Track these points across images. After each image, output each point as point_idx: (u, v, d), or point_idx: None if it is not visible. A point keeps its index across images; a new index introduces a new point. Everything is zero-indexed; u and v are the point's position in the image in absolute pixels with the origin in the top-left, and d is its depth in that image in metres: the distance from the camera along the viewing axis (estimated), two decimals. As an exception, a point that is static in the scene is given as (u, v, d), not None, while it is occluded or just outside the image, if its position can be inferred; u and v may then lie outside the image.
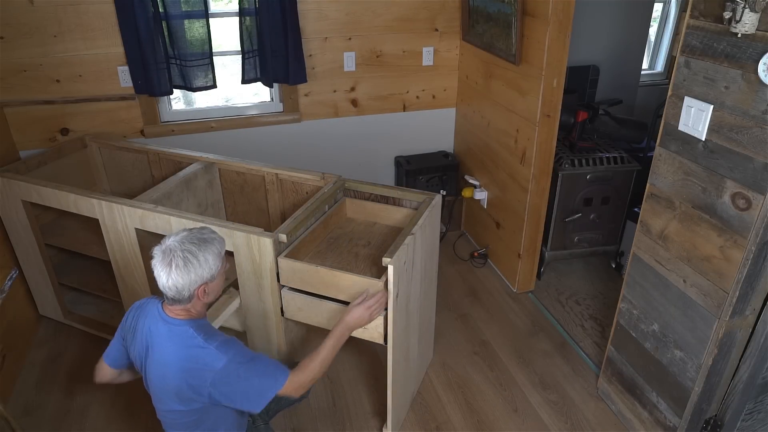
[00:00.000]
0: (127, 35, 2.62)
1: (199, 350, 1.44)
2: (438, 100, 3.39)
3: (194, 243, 1.43)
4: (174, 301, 1.45)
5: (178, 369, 1.45)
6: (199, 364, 1.44)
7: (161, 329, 1.49)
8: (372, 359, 2.51)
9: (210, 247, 1.45)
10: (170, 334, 1.47)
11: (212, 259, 1.45)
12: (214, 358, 1.44)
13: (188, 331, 1.46)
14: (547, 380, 2.41)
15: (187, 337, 1.46)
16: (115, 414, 2.23)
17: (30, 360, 2.49)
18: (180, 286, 1.41)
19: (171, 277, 1.40)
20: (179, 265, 1.40)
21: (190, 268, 1.41)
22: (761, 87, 1.41)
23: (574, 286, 3.05)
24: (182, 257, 1.40)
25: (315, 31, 2.96)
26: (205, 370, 1.44)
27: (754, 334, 1.67)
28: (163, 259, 1.41)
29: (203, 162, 2.49)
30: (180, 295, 1.43)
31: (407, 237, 1.87)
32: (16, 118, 2.68)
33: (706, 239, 1.65)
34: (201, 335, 1.46)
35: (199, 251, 1.42)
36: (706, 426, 1.87)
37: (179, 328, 1.47)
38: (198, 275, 1.42)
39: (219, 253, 1.47)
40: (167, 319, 1.49)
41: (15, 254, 2.51)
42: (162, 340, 1.48)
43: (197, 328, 1.48)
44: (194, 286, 1.43)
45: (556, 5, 2.28)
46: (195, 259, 1.41)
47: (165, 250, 1.42)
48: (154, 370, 1.50)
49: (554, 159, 2.69)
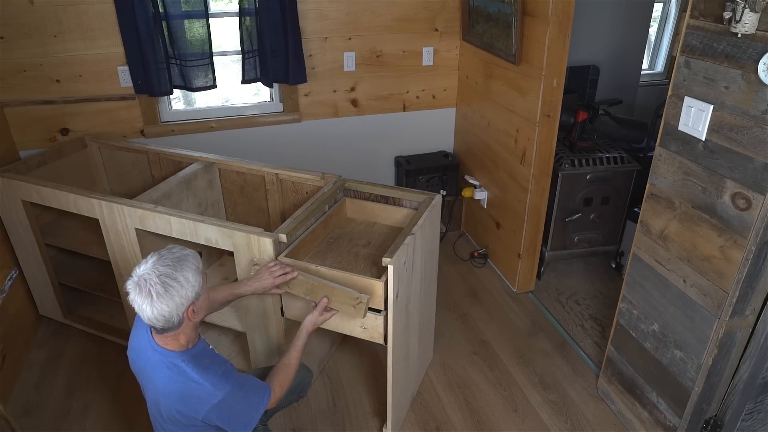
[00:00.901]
0: (127, 35, 2.62)
1: (194, 386, 1.40)
2: (438, 100, 3.39)
3: (168, 265, 1.34)
4: (163, 330, 1.38)
5: (171, 401, 1.42)
6: (194, 400, 1.41)
7: (153, 357, 1.44)
8: (372, 359, 2.51)
9: (186, 264, 1.37)
10: (162, 365, 1.42)
11: (192, 276, 1.37)
12: (210, 394, 1.40)
13: (180, 365, 1.40)
14: (547, 380, 2.41)
15: (179, 372, 1.40)
16: (115, 414, 2.23)
17: (30, 360, 2.49)
18: (167, 314, 1.33)
19: (155, 307, 1.31)
20: (160, 292, 1.31)
21: (173, 292, 1.32)
22: (761, 87, 1.41)
23: (574, 286, 3.05)
24: (160, 283, 1.31)
25: (315, 31, 2.96)
26: (200, 405, 1.41)
27: (754, 334, 1.67)
28: (141, 291, 1.32)
29: (203, 162, 2.49)
30: (169, 323, 1.35)
31: (407, 237, 1.87)
32: (16, 118, 2.68)
33: (706, 239, 1.65)
34: (195, 370, 1.40)
35: (176, 272, 1.34)
36: (706, 426, 1.87)
37: (171, 360, 1.41)
38: (183, 297, 1.34)
39: (197, 268, 1.40)
40: (157, 348, 1.42)
41: (15, 254, 2.51)
42: (155, 368, 1.44)
43: (190, 361, 1.41)
44: (181, 309, 1.35)
45: (556, 5, 2.28)
46: (175, 282, 1.33)
47: (139, 282, 1.32)
48: (150, 393, 1.50)
49: (554, 159, 2.69)
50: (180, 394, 1.41)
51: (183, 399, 1.41)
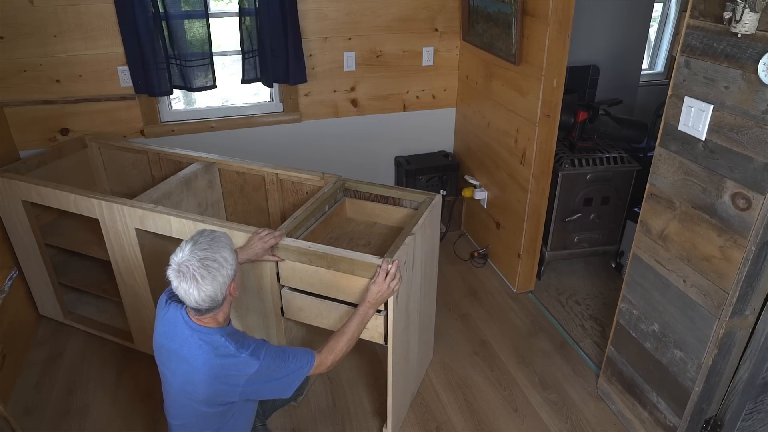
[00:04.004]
0: (127, 35, 2.62)
1: (232, 359, 1.45)
2: (438, 100, 3.39)
3: (206, 249, 1.41)
4: (207, 311, 1.44)
5: (209, 376, 1.45)
6: (232, 371, 1.45)
7: (188, 336, 1.47)
8: (372, 359, 2.51)
9: (220, 244, 1.44)
10: (200, 341, 1.46)
11: (229, 255, 1.44)
12: (247, 364, 1.45)
13: (219, 340, 1.46)
14: (547, 380, 2.41)
15: (219, 345, 1.45)
16: (115, 414, 2.23)
17: (30, 360, 2.49)
18: (213, 293, 1.40)
19: (202, 290, 1.38)
20: (204, 275, 1.38)
21: (215, 273, 1.39)
22: (761, 87, 1.41)
23: (574, 286, 3.05)
24: (202, 266, 1.38)
25: (315, 31, 2.96)
26: (238, 376, 1.46)
27: (754, 334, 1.67)
28: (185, 277, 1.38)
29: (203, 162, 2.49)
30: (215, 302, 1.42)
31: (407, 237, 1.87)
32: (16, 118, 2.68)
33: (706, 239, 1.65)
34: (233, 344, 1.46)
35: (215, 253, 1.41)
36: (706, 426, 1.87)
37: (209, 336, 1.46)
38: (224, 275, 1.41)
39: (231, 247, 1.47)
40: (195, 327, 1.47)
41: (15, 254, 2.51)
42: (191, 347, 1.46)
43: (228, 336, 1.47)
44: (224, 287, 1.42)
45: (556, 5, 2.28)
46: (215, 263, 1.40)
47: (180, 269, 1.39)
48: (181, 375, 1.50)
49: (554, 159, 2.69)
50: (219, 367, 1.45)
51: (222, 372, 1.45)
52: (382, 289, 1.71)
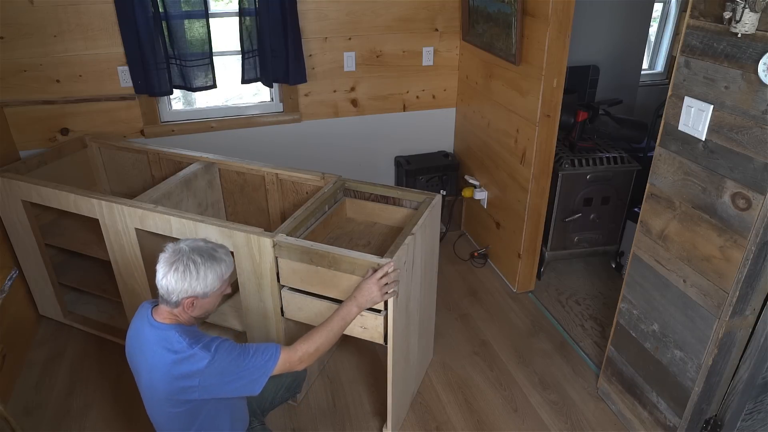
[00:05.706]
0: (127, 35, 2.62)
1: (183, 354, 1.43)
2: (438, 100, 3.39)
3: (202, 255, 1.44)
4: (162, 300, 1.46)
5: (164, 373, 1.43)
6: (184, 367, 1.42)
7: (148, 334, 1.48)
8: (372, 359, 2.51)
9: (214, 265, 1.45)
10: (157, 338, 1.46)
11: (211, 277, 1.45)
12: (198, 358, 1.42)
13: (173, 336, 1.44)
14: (547, 380, 2.41)
15: (172, 341, 1.44)
16: (115, 414, 2.23)
17: (30, 360, 2.49)
18: (170, 289, 1.42)
19: (166, 278, 1.42)
20: (178, 270, 1.41)
21: (187, 277, 1.41)
22: (761, 87, 1.41)
23: (574, 286, 3.05)
24: (184, 263, 1.41)
25: (315, 31, 2.96)
26: (191, 372, 1.42)
27: (754, 334, 1.67)
28: (169, 258, 1.43)
29: (203, 162, 2.49)
30: (168, 296, 1.44)
31: (407, 237, 1.87)
32: (16, 118, 2.68)
33: (706, 239, 1.65)
34: (186, 339, 1.44)
35: (202, 265, 1.43)
36: (706, 426, 1.87)
37: (164, 332, 1.45)
38: (191, 286, 1.42)
39: (221, 275, 1.47)
40: (154, 323, 1.47)
41: (15, 254, 2.51)
42: (150, 345, 1.47)
43: (182, 333, 1.45)
44: (183, 295, 1.43)
45: (556, 5, 2.28)
46: (195, 271, 1.42)
47: (176, 250, 1.43)
48: (144, 375, 1.50)
49: (554, 159, 2.69)
50: (172, 363, 1.42)
51: (176, 368, 1.42)
52: (373, 290, 1.68)
